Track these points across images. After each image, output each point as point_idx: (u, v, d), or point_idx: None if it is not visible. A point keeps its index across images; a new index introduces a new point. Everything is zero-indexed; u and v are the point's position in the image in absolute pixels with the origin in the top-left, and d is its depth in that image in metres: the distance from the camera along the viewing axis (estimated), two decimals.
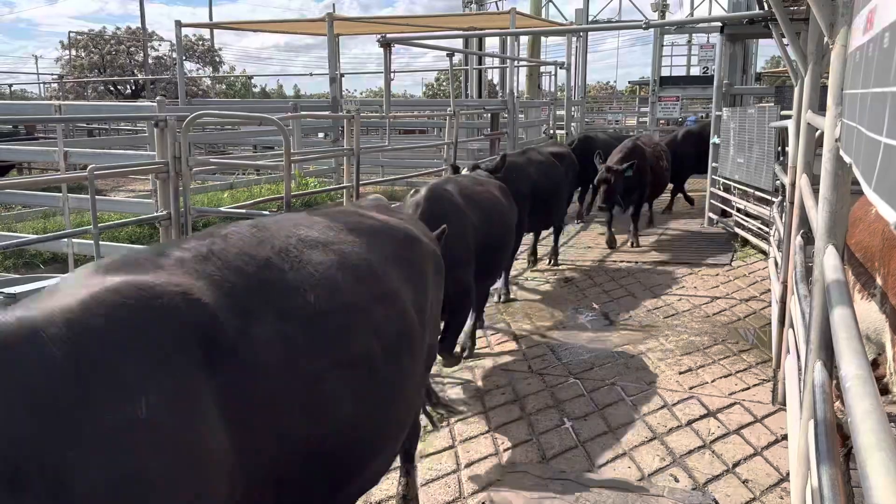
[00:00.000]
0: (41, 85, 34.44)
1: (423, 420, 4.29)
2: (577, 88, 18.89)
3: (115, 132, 19.01)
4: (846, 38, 1.93)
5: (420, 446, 4.11)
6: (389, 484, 3.62)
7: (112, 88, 35.87)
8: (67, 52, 38.32)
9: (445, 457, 4.00)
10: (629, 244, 9.60)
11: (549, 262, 8.62)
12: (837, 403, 2.31)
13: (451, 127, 9.81)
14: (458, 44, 15.91)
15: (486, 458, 3.98)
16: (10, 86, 33.44)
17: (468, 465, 3.89)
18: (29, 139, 14.76)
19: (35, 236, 6.86)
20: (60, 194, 7.07)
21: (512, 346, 5.82)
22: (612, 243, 9.43)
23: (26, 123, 16.37)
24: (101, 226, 5.27)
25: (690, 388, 4.89)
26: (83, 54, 37.64)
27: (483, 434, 4.27)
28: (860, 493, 1.01)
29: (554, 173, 7.89)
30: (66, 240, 6.53)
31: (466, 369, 5.30)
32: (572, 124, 17.59)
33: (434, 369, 5.27)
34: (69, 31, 42.42)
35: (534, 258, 8.54)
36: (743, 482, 3.68)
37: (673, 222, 11.32)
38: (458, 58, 14.84)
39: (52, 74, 37.04)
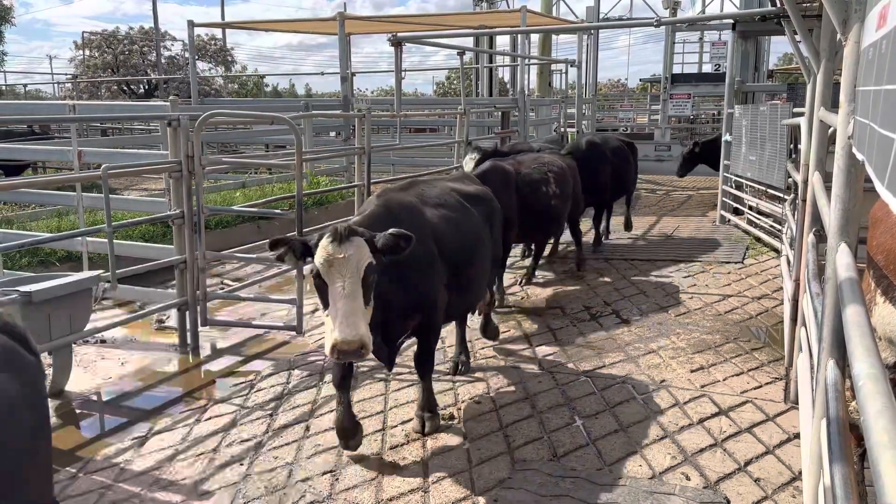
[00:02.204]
0: (55, 85, 34.68)
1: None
2: (587, 86, 18.85)
3: (129, 131, 19.12)
4: (859, 35, 1.93)
5: (431, 443, 4.13)
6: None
7: (125, 88, 36.08)
8: (81, 52, 38.57)
9: (457, 454, 4.01)
10: (629, 245, 9.58)
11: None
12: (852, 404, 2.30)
13: (462, 125, 9.81)
14: (468, 42, 15.92)
15: (497, 455, 3.98)
16: (25, 86, 33.73)
17: (479, 463, 3.90)
18: (43, 138, 14.87)
19: (49, 235, 6.92)
20: (74, 193, 7.13)
21: (523, 343, 5.82)
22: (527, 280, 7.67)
23: (41, 123, 16.50)
24: (114, 224, 5.31)
25: (702, 387, 4.87)
26: (97, 54, 37.87)
27: (494, 432, 4.27)
28: (874, 492, 1.01)
29: (465, 221, 4.60)
30: (80, 238, 6.59)
31: (478, 367, 5.30)
32: (583, 122, 17.56)
33: (444, 367, 5.28)
34: (83, 32, 42.70)
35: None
36: (755, 481, 3.67)
37: (684, 220, 11.28)
38: (468, 56, 14.84)
39: (66, 74, 37.32)
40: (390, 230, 3.47)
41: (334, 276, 3.29)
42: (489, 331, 5.72)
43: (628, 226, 10.11)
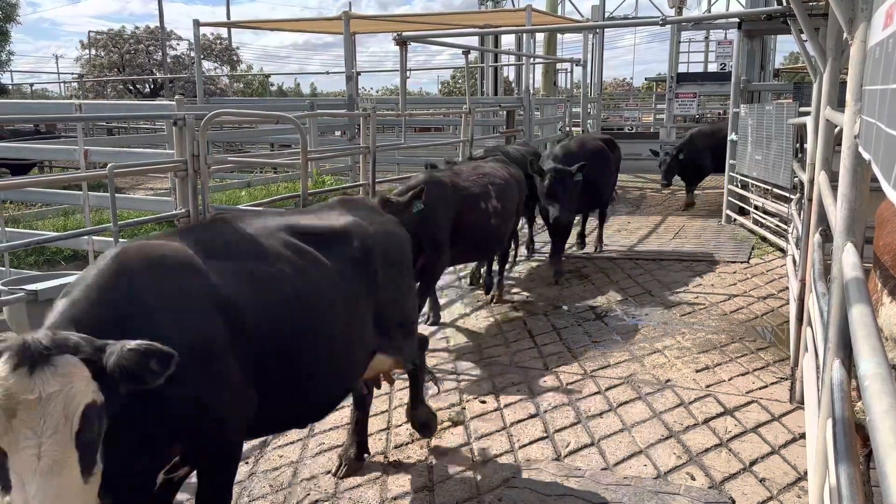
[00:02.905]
0: (61, 84, 34.81)
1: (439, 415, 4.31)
2: (593, 85, 18.83)
3: (135, 131, 19.18)
4: (866, 34, 1.92)
5: (435, 443, 4.13)
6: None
7: (131, 87, 36.18)
8: (87, 51, 38.70)
9: (461, 454, 4.01)
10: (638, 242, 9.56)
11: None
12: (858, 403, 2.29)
13: (467, 124, 9.81)
14: (474, 41, 15.92)
15: (501, 454, 3.99)
16: (31, 85, 33.83)
17: (484, 463, 3.90)
18: (49, 138, 14.92)
19: (55, 234, 6.94)
20: (80, 192, 7.15)
21: (528, 342, 5.82)
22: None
23: (47, 122, 16.55)
24: (120, 223, 5.32)
25: (707, 386, 4.86)
26: (103, 54, 37.99)
27: (498, 431, 4.27)
28: (880, 493, 1.01)
29: (297, 275, 3.22)
30: (86, 237, 6.60)
31: (483, 366, 5.30)
32: (588, 121, 17.54)
33: (449, 366, 5.28)
34: (89, 31, 42.85)
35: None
36: (760, 481, 3.66)
37: (690, 220, 11.25)
38: (473, 55, 14.84)
39: (73, 74, 37.46)
40: (132, 344, 1.91)
41: (20, 433, 1.75)
42: (418, 416, 4.10)
43: (599, 243, 9.14)
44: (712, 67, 19.83)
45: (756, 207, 9.98)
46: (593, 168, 7.65)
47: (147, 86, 36.25)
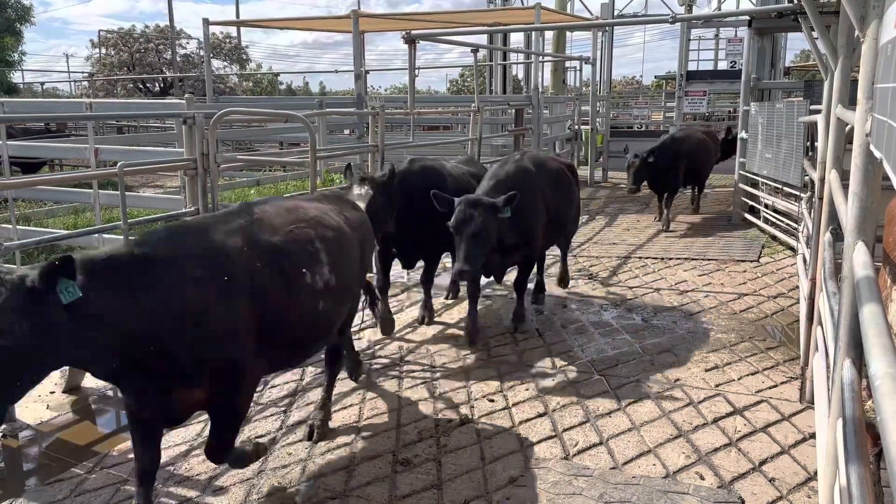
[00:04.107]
0: (72, 83, 35.00)
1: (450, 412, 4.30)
2: (602, 83, 18.77)
3: (145, 129, 19.27)
4: (877, 31, 1.91)
5: (444, 441, 4.13)
6: None
7: (141, 86, 36.35)
8: (97, 50, 38.90)
9: (469, 452, 4.01)
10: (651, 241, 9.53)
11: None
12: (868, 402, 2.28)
13: (476, 123, 9.80)
14: (482, 39, 15.89)
15: (510, 453, 3.98)
16: (42, 84, 34.06)
17: (492, 461, 3.90)
18: (60, 136, 15.01)
19: (66, 232, 6.99)
20: (91, 190, 7.19)
21: (536, 342, 5.81)
22: None
23: (58, 121, 16.65)
24: (130, 222, 5.35)
25: (717, 386, 4.85)
26: (113, 52, 38.19)
27: (507, 430, 4.27)
28: (890, 493, 1.00)
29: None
30: (96, 235, 6.64)
31: (491, 366, 5.30)
32: (597, 119, 17.48)
33: (457, 365, 5.28)
34: (99, 30, 43.11)
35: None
36: (770, 481, 3.64)
37: (699, 218, 11.21)
38: (482, 53, 14.82)
39: (83, 73, 37.68)
40: None
41: None
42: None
43: (564, 280, 7.21)
44: (722, 65, 19.72)
45: (766, 206, 9.93)
46: (548, 195, 6.06)
47: (157, 84, 36.40)
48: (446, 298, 6.97)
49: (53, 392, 4.94)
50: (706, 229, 10.32)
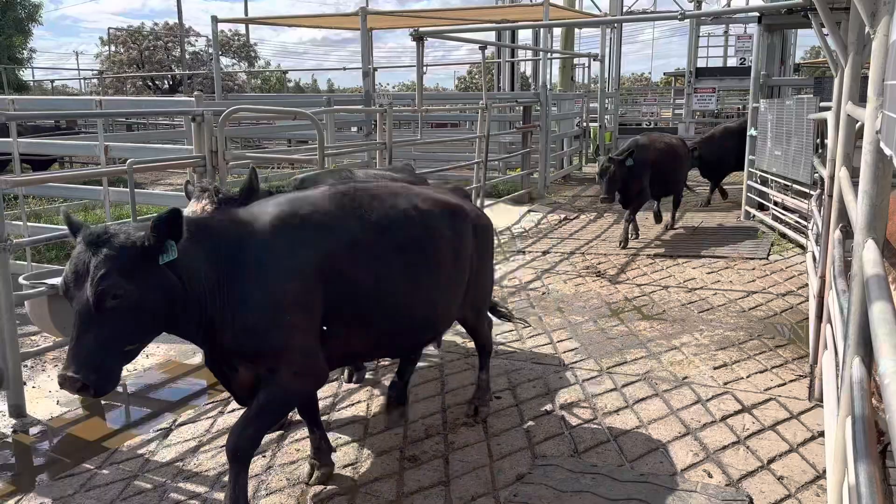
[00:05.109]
0: (81, 80, 35.18)
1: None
2: (611, 80, 18.72)
3: (154, 127, 19.33)
4: (888, 28, 1.89)
5: (451, 438, 4.14)
6: None
7: (150, 84, 36.49)
8: (107, 48, 39.08)
9: (476, 449, 4.01)
10: (658, 239, 9.49)
11: None
12: (875, 401, 2.27)
13: (483, 120, 9.80)
14: (491, 36, 15.87)
15: (517, 451, 3.99)
16: (52, 81, 34.24)
17: (499, 458, 3.90)
18: (70, 133, 15.08)
19: None
20: (100, 187, 7.22)
21: (543, 339, 5.81)
22: None
23: (68, 118, 16.74)
24: (139, 218, 5.37)
25: (725, 384, 4.83)
26: (122, 50, 38.35)
27: (515, 427, 4.27)
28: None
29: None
30: None
31: (499, 362, 5.30)
32: (606, 117, 17.45)
33: (465, 361, 5.28)
34: (109, 28, 43.29)
35: None
36: (778, 479, 3.63)
37: (709, 216, 11.17)
38: (490, 50, 14.80)
39: (93, 70, 37.89)
40: None
41: None
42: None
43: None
44: (732, 62, 19.66)
45: (776, 203, 9.89)
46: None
47: (166, 82, 36.54)
48: None
49: None
50: (715, 227, 10.29)
